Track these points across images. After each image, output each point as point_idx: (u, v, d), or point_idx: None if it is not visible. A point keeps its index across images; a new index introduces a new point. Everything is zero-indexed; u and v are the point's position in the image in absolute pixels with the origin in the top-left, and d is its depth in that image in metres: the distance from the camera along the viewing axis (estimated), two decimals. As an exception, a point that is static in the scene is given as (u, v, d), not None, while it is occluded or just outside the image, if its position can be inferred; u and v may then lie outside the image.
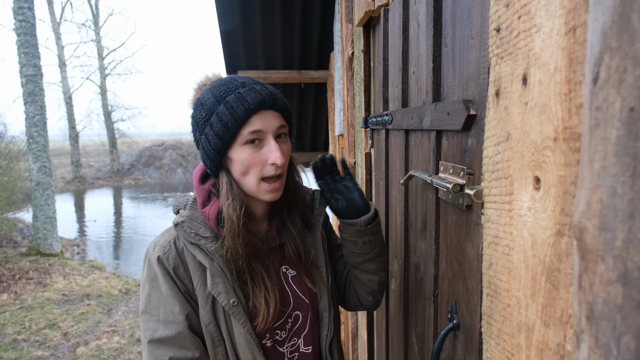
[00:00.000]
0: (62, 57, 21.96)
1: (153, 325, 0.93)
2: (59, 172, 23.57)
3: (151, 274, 0.96)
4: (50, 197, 9.53)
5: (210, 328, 0.94)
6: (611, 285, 0.34)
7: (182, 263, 0.95)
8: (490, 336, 0.65)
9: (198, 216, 0.98)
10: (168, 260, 0.94)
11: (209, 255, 0.94)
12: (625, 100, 0.32)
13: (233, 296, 0.93)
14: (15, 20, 8.97)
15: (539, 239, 0.50)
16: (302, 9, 3.67)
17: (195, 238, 0.94)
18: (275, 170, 0.93)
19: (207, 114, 0.92)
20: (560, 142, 0.45)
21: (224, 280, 0.93)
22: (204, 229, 0.96)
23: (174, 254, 0.95)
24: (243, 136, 0.90)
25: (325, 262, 1.08)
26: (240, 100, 0.89)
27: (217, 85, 0.94)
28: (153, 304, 0.94)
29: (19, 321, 5.80)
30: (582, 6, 0.42)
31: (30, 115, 9.21)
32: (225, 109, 0.89)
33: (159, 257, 0.94)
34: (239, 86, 0.92)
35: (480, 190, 0.67)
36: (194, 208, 1.00)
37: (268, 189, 0.94)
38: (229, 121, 0.89)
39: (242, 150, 0.91)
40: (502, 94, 0.59)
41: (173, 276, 0.94)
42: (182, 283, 0.95)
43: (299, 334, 1.04)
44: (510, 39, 0.56)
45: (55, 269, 8.16)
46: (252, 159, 0.91)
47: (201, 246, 0.94)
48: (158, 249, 0.96)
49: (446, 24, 0.87)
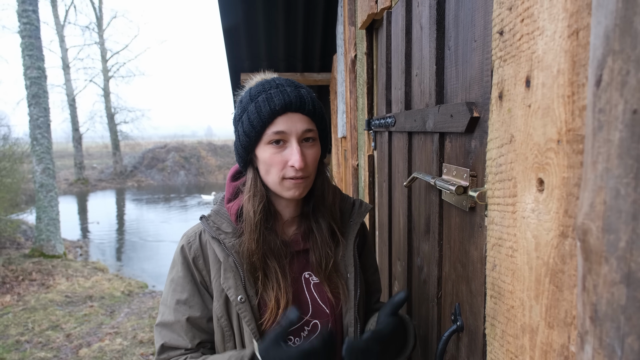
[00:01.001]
0: (65, 60, 22.07)
1: (162, 308, 1.00)
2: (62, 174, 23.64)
3: (173, 262, 1.02)
4: (54, 199, 9.57)
5: (222, 321, 0.96)
6: (615, 286, 0.35)
7: (202, 255, 0.99)
8: (494, 338, 0.66)
9: (223, 212, 1.02)
10: (190, 250, 0.99)
11: (225, 251, 0.96)
12: (628, 102, 0.33)
13: (242, 293, 0.94)
14: (20, 23, 9.03)
15: (543, 240, 0.50)
16: (304, 12, 3.68)
17: (216, 232, 0.97)
18: (295, 172, 0.93)
19: (241, 111, 0.96)
20: (563, 144, 0.46)
21: (235, 276, 0.95)
22: (226, 224, 1.00)
23: (197, 245, 1.00)
24: (267, 136, 0.92)
25: (356, 275, 1.04)
26: (268, 101, 0.91)
27: (256, 85, 0.97)
28: (167, 289, 1.01)
29: (22, 322, 5.82)
30: (584, 9, 0.42)
31: (34, 117, 9.25)
32: (254, 108, 0.92)
33: (183, 246, 1.00)
34: (273, 87, 0.94)
35: (484, 192, 0.68)
36: (221, 203, 1.05)
37: (289, 185, 0.95)
38: (255, 120, 0.92)
39: (266, 149, 0.94)
40: (505, 97, 0.59)
41: (191, 266, 0.99)
42: (200, 274, 0.99)
43: None
44: (513, 42, 0.57)
45: (58, 270, 8.18)
46: (274, 158, 0.93)
47: (220, 240, 0.97)
48: (184, 238, 1.02)
49: (449, 27, 0.88)
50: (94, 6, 23.73)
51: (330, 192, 1.06)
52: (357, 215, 1.09)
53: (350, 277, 1.03)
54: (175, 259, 1.01)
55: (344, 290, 1.02)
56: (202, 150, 27.21)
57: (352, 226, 1.07)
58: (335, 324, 1.01)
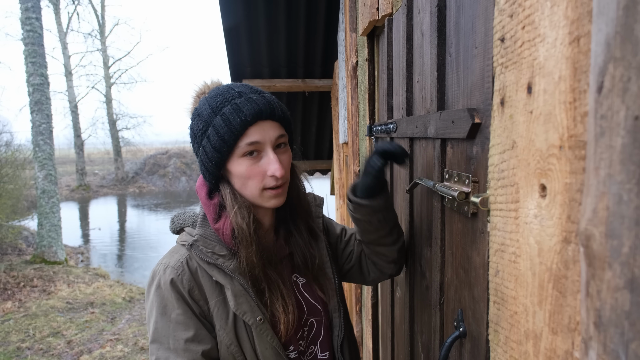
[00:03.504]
0: (68, 67, 22.21)
1: (164, 353, 0.88)
2: (64, 180, 23.70)
3: (159, 300, 0.90)
4: (56, 205, 9.59)
5: (232, 349, 0.91)
6: (619, 292, 0.35)
7: (196, 284, 0.91)
8: (497, 344, 0.65)
9: (211, 234, 0.95)
10: (182, 283, 0.90)
11: (228, 275, 0.91)
12: (630, 109, 0.33)
13: (259, 313, 0.90)
14: (23, 31, 9.10)
15: (546, 246, 0.50)
16: (306, 18, 3.70)
17: (213, 257, 0.91)
18: (275, 181, 0.91)
19: (204, 125, 0.90)
20: (565, 150, 0.46)
21: (248, 300, 0.90)
22: (219, 247, 0.93)
23: (188, 275, 0.91)
24: (240, 148, 0.88)
25: (331, 263, 1.08)
26: (236, 112, 0.86)
27: (214, 95, 0.91)
28: (162, 332, 0.89)
29: (23, 329, 5.81)
30: (585, 17, 0.43)
31: (37, 123, 9.30)
32: (222, 120, 0.87)
33: (173, 279, 0.90)
34: (236, 96, 0.89)
35: (486, 198, 0.68)
36: (205, 225, 0.96)
37: (271, 194, 0.93)
38: (226, 133, 0.87)
39: (241, 162, 0.89)
40: (507, 103, 0.60)
41: (188, 299, 0.90)
42: (198, 305, 0.91)
43: (315, 341, 1.04)
44: (514, 49, 0.57)
45: (60, 276, 8.18)
46: (251, 170, 0.90)
47: (219, 265, 0.91)
48: (170, 271, 0.91)
49: (450, 34, 0.88)
50: (96, 13, 23.90)
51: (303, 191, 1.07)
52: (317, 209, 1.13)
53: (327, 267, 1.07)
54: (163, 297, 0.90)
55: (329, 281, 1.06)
56: (204, 156, 27.20)
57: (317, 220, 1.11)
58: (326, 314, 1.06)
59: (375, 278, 1.21)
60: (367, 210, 1.02)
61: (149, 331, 0.92)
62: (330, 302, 1.06)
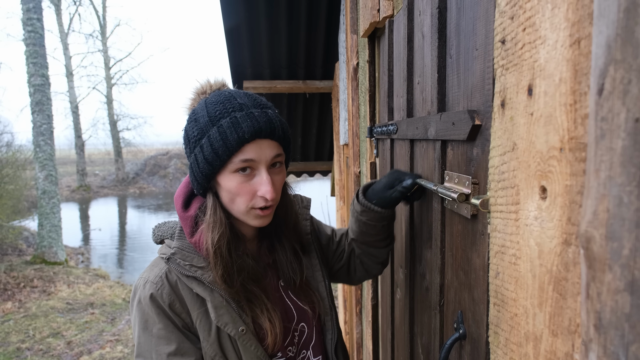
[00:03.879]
0: (69, 67, 22.24)
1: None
2: (64, 181, 23.72)
3: (140, 315, 0.89)
4: (56, 206, 9.60)
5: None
6: (619, 294, 0.35)
7: (177, 297, 0.89)
8: (497, 346, 0.65)
9: (188, 246, 0.92)
10: (162, 297, 0.88)
11: (208, 287, 0.89)
12: (630, 111, 0.33)
13: (241, 324, 0.89)
14: (25, 31, 9.12)
15: (546, 248, 0.50)
16: (307, 19, 3.71)
17: (192, 270, 0.89)
18: (265, 202, 0.88)
19: (199, 133, 0.86)
20: (566, 152, 0.46)
21: (229, 310, 0.89)
22: (197, 259, 0.91)
23: (168, 289, 0.89)
24: (234, 164, 0.85)
25: (321, 266, 1.08)
26: (234, 127, 0.82)
27: (214, 102, 0.87)
28: (144, 347, 0.88)
29: (23, 330, 5.81)
30: (586, 19, 0.43)
31: (38, 124, 9.31)
32: (218, 133, 0.83)
33: (152, 294, 0.88)
34: (237, 108, 0.85)
35: (486, 200, 0.68)
36: (182, 238, 0.94)
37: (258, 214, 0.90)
38: (220, 148, 0.83)
39: (232, 178, 0.86)
40: (507, 105, 0.60)
41: (169, 313, 0.88)
42: (180, 318, 0.89)
43: (307, 345, 1.03)
44: (515, 51, 0.57)
45: (60, 277, 8.18)
46: (241, 188, 0.87)
47: (198, 278, 0.88)
48: (149, 286, 0.89)
49: (451, 36, 0.88)
50: (97, 14, 23.95)
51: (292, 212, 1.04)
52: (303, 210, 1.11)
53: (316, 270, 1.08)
54: (144, 312, 0.88)
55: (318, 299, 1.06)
56: (204, 157, 27.23)
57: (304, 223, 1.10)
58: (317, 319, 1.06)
59: (361, 277, 1.23)
60: (377, 217, 1.06)
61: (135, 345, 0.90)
62: (321, 305, 1.06)
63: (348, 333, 3.06)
